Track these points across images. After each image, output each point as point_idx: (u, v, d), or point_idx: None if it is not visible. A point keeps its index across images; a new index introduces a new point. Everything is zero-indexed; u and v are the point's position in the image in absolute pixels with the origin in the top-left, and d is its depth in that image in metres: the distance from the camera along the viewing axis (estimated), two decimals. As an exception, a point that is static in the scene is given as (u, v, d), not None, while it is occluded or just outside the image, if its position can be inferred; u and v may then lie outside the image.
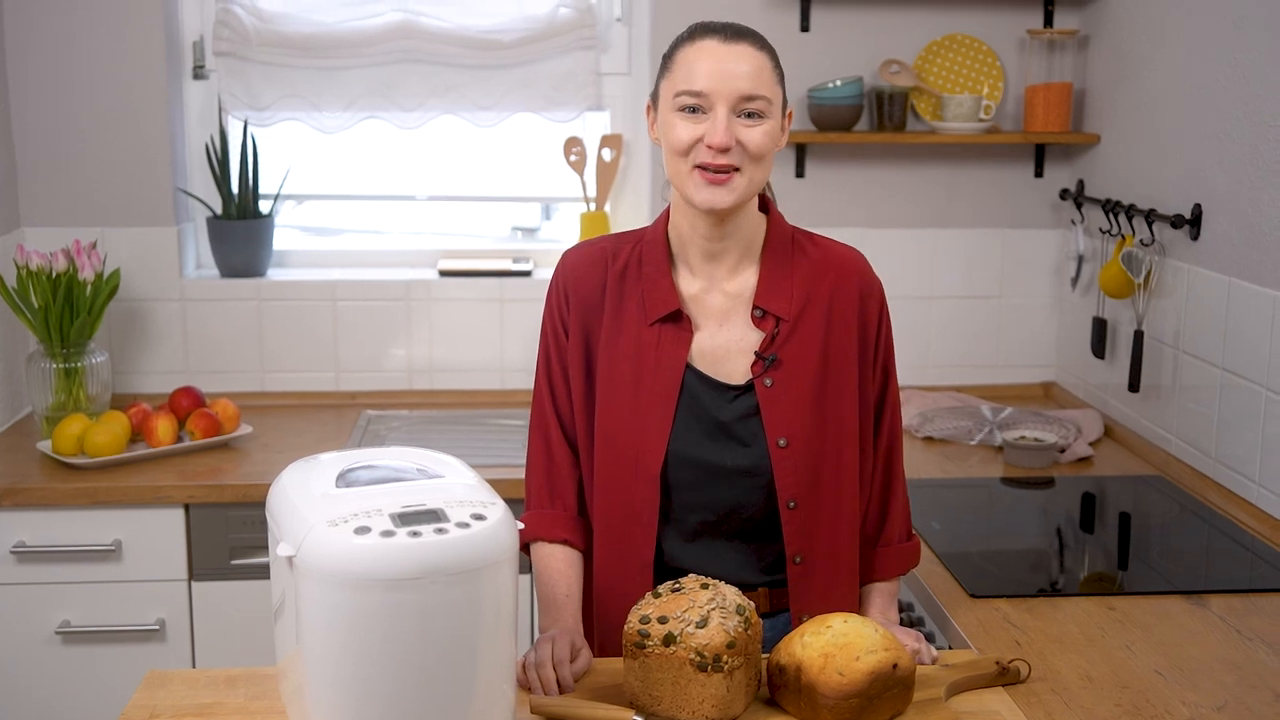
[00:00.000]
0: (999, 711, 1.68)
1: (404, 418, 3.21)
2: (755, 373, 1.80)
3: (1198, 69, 2.69)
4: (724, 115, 1.72)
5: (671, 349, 1.81)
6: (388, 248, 3.50)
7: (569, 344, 1.86)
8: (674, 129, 1.75)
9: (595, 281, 1.85)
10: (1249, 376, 2.50)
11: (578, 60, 3.25)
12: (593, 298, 1.85)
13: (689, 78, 1.73)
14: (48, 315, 2.87)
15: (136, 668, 2.64)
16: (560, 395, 1.88)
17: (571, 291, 1.86)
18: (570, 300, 1.86)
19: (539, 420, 1.90)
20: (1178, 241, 2.76)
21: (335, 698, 1.41)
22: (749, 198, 1.78)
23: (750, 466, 1.80)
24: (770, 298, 1.82)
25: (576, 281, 1.86)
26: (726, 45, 1.73)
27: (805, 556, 1.82)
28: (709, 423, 1.81)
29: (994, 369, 3.41)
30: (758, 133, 1.73)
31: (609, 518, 1.85)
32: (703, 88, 1.72)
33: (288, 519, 1.46)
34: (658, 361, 1.81)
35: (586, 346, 1.86)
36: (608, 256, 1.86)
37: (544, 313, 1.90)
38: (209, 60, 3.25)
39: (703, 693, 1.56)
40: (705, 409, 1.81)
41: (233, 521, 2.70)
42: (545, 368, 1.89)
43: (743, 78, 1.72)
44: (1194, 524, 2.51)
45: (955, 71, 3.25)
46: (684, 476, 1.81)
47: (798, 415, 1.80)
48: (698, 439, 1.81)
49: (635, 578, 1.84)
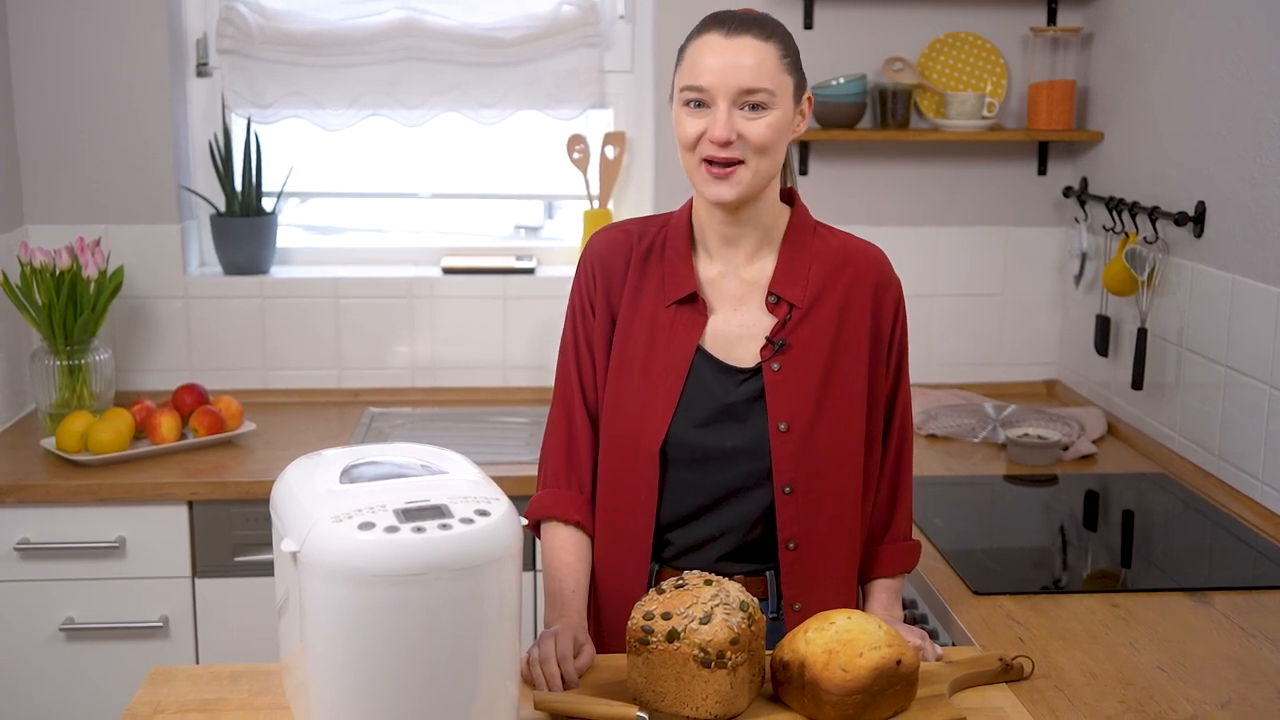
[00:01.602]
0: (1003, 708, 1.68)
1: (407, 415, 3.21)
2: (764, 356, 1.82)
3: (1201, 66, 2.69)
4: (725, 109, 1.74)
5: (685, 331, 1.84)
6: (391, 245, 3.50)
7: (595, 321, 1.89)
8: (681, 123, 1.78)
9: (620, 261, 1.88)
10: (1252, 374, 2.50)
11: (581, 58, 3.25)
12: (617, 277, 1.88)
13: (693, 72, 1.76)
14: (51, 312, 2.87)
15: (140, 664, 2.63)
16: (586, 374, 1.90)
17: (599, 270, 1.89)
18: (597, 279, 1.89)
19: (563, 396, 1.92)
20: (1181, 239, 2.76)
21: (339, 693, 1.41)
22: (756, 189, 1.80)
23: (749, 449, 1.81)
24: (786, 284, 1.84)
25: (603, 261, 1.89)
26: (728, 39, 1.75)
27: (799, 543, 1.83)
28: (713, 405, 1.82)
29: (997, 366, 3.41)
30: (760, 125, 1.75)
31: (610, 495, 1.87)
32: (704, 82, 1.74)
33: (292, 515, 1.46)
34: (670, 342, 1.84)
35: (611, 325, 1.88)
36: (633, 238, 1.90)
37: (571, 291, 1.93)
38: (212, 57, 3.25)
39: (706, 689, 1.56)
40: (711, 391, 1.82)
41: (236, 518, 2.70)
42: (573, 346, 1.91)
43: (743, 71, 1.73)
44: (1197, 521, 2.51)
45: (958, 69, 3.25)
46: (682, 456, 1.83)
47: (801, 401, 1.81)
48: (700, 421, 1.82)
49: (633, 558, 1.85)
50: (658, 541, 1.87)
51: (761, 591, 1.87)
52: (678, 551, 1.86)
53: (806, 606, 1.83)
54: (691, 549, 1.86)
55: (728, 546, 1.85)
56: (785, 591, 1.85)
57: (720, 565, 1.85)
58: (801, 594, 1.84)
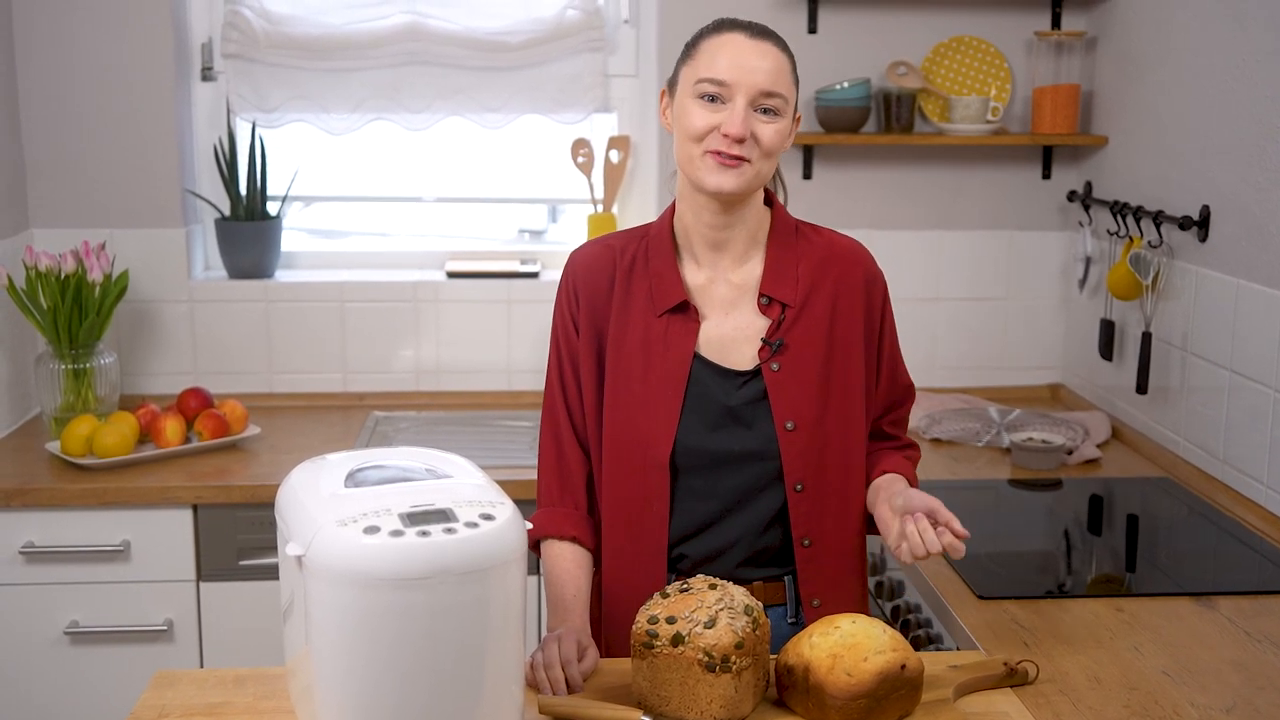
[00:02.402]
0: (1007, 713, 1.68)
1: (411, 419, 3.21)
2: (763, 358, 1.83)
3: (1205, 70, 2.69)
4: (743, 106, 1.75)
5: (679, 339, 1.84)
6: (395, 249, 3.50)
7: (580, 341, 1.88)
8: (690, 114, 1.77)
9: (603, 278, 1.88)
10: (1257, 378, 2.49)
11: (585, 62, 3.25)
12: (601, 294, 1.87)
13: (712, 66, 1.76)
14: (56, 316, 2.87)
15: (145, 668, 2.64)
16: (571, 393, 1.90)
17: (580, 289, 1.88)
18: (580, 298, 1.88)
19: (550, 419, 1.92)
20: (1186, 243, 2.76)
21: (344, 697, 1.41)
22: (755, 189, 1.81)
23: (758, 450, 1.82)
24: (776, 285, 1.85)
25: (585, 279, 1.89)
26: (752, 41, 1.78)
27: (813, 539, 1.84)
28: (717, 409, 1.82)
29: (1001, 371, 3.41)
30: (772, 129, 1.77)
31: (619, 509, 1.86)
32: (725, 77, 1.75)
33: (297, 519, 1.46)
34: (666, 352, 1.84)
35: (598, 343, 1.87)
36: (615, 253, 1.89)
37: (554, 312, 1.92)
38: (217, 62, 3.25)
39: (711, 693, 1.56)
40: (714, 396, 1.83)
41: (241, 522, 2.70)
42: (557, 367, 1.91)
43: (765, 73, 1.75)
44: (1202, 526, 2.50)
45: (962, 73, 3.25)
46: (692, 464, 1.83)
47: (805, 399, 1.82)
48: (706, 426, 1.82)
49: (648, 568, 1.85)
50: (673, 555, 1.86)
51: (780, 597, 1.87)
52: (693, 563, 1.86)
53: (825, 603, 1.85)
54: (707, 559, 1.86)
55: (743, 554, 1.85)
56: (803, 589, 1.86)
57: (738, 572, 1.85)
58: (820, 590, 1.85)
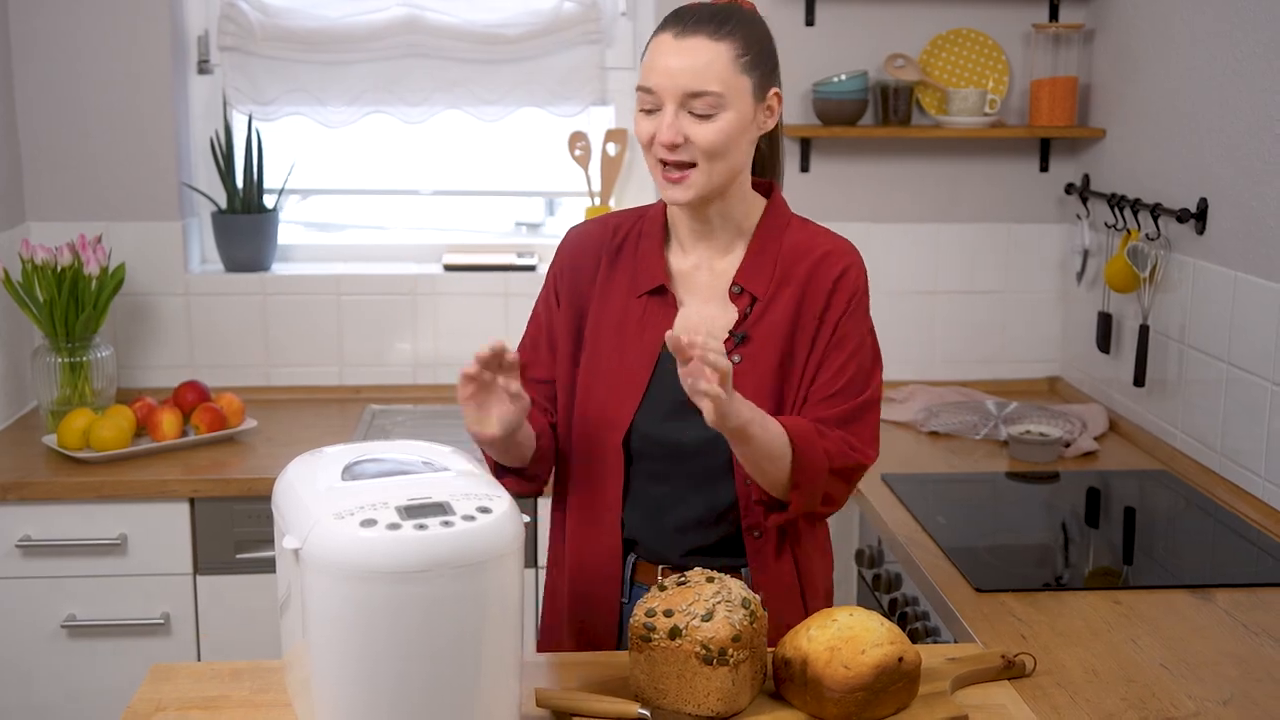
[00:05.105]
0: (1004, 705, 1.68)
1: (408, 412, 3.21)
2: (727, 349, 1.81)
3: (1203, 63, 2.69)
4: (670, 113, 1.73)
5: (655, 322, 1.84)
6: (392, 242, 3.50)
7: (559, 312, 1.89)
8: (637, 124, 1.79)
9: (591, 253, 1.89)
10: (1254, 371, 2.49)
11: (582, 55, 3.24)
12: (586, 269, 1.88)
13: (645, 73, 1.76)
14: (53, 309, 2.87)
15: (142, 661, 2.62)
16: (543, 352, 1.90)
17: (567, 262, 1.90)
18: (565, 273, 1.90)
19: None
20: (1183, 236, 2.76)
21: (341, 690, 1.41)
22: (714, 190, 1.78)
23: (710, 441, 1.77)
24: (749, 276, 1.83)
25: (573, 253, 1.90)
26: (679, 40, 1.72)
27: (764, 531, 1.83)
28: (676, 398, 1.78)
29: (999, 364, 3.41)
30: (709, 129, 1.73)
31: (580, 489, 1.88)
32: (651, 84, 1.74)
33: (294, 512, 1.46)
34: (640, 334, 1.84)
35: (577, 320, 1.88)
36: (608, 230, 1.90)
37: (545, 275, 1.94)
38: (214, 55, 3.25)
39: (708, 686, 1.56)
40: (675, 384, 1.78)
41: (238, 515, 2.70)
42: (532, 335, 1.93)
43: (688, 73, 1.71)
44: (1199, 518, 2.50)
45: (960, 66, 3.24)
46: (646, 450, 1.83)
47: (760, 393, 1.79)
48: (663, 414, 1.82)
49: (604, 552, 1.86)
50: (626, 537, 1.86)
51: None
52: (647, 549, 1.86)
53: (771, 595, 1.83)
54: (660, 544, 1.85)
55: (695, 542, 1.85)
56: (755, 580, 1.85)
57: (691, 559, 1.82)
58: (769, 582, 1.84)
